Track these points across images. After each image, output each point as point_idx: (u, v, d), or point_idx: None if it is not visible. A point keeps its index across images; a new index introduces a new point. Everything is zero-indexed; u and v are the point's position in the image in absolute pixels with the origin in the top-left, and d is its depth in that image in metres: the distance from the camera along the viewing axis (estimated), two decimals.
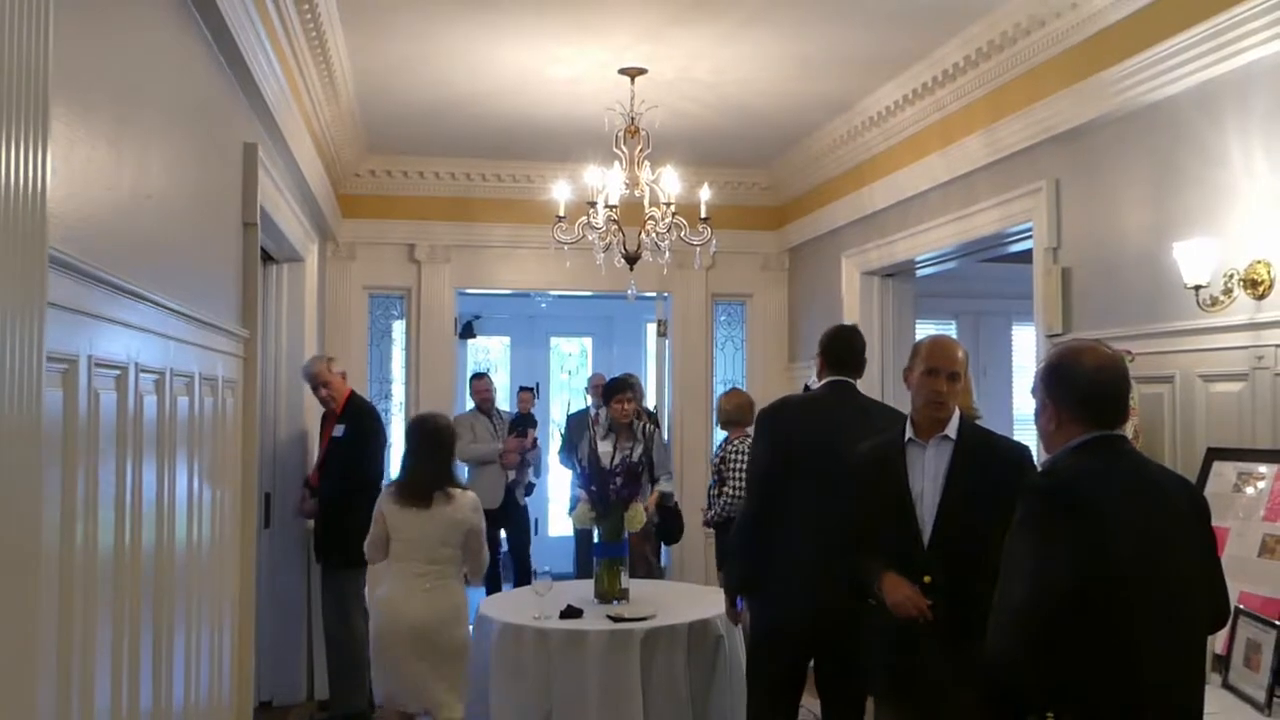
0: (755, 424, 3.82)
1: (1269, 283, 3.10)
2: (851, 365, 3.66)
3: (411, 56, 4.75)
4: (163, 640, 2.48)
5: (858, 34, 4.44)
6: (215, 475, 3.10)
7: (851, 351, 3.66)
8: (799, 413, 3.73)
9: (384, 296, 7.13)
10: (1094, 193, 3.99)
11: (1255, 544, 2.98)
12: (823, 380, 3.68)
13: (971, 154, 4.71)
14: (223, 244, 3.37)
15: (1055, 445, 2.21)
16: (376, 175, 6.85)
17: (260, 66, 3.41)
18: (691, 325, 7.41)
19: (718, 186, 6.02)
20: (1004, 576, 2.07)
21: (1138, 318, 3.67)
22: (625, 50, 4.65)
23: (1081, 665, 1.98)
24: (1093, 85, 3.81)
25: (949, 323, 8.35)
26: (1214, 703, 2.29)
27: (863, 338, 3.78)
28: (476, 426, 6.92)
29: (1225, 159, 3.31)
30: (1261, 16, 3.04)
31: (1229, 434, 3.26)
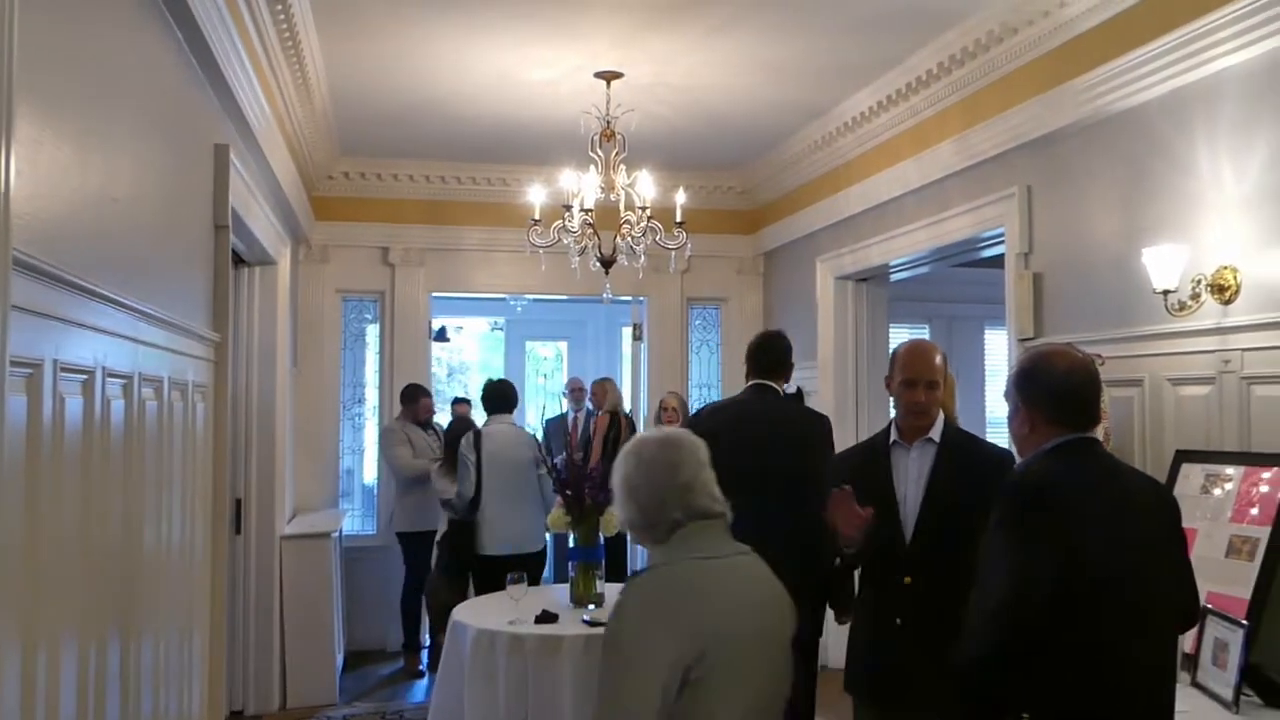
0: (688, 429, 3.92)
1: (1235, 288, 3.14)
2: (775, 369, 3.78)
3: (386, 58, 4.73)
4: (130, 649, 2.45)
5: (831, 40, 4.46)
6: (185, 480, 3.06)
7: (775, 356, 3.78)
8: (724, 416, 3.87)
9: (357, 300, 7.08)
10: (1065, 199, 4.03)
11: (1223, 544, 3.01)
12: (748, 384, 3.80)
13: (944, 160, 4.74)
14: (193, 246, 3.34)
15: (1029, 448, 2.23)
16: (350, 177, 6.81)
17: (232, 67, 3.38)
18: (667, 329, 7.42)
19: (693, 191, 6.03)
20: (980, 578, 2.08)
21: (1108, 322, 3.70)
22: (601, 54, 4.65)
23: (1056, 665, 2.00)
24: (1064, 93, 3.85)
25: (922, 327, 8.40)
26: (1183, 701, 2.31)
27: (786, 341, 3.92)
28: (414, 439, 6.32)
29: (1193, 166, 3.35)
30: (1229, 27, 3.08)
31: (1197, 437, 3.30)
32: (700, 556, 2.00)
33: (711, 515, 2.06)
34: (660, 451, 2.10)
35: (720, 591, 1.96)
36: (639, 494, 2.08)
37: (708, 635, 1.89)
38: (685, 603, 1.92)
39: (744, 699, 1.92)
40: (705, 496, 2.06)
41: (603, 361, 9.67)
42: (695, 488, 2.06)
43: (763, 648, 2.00)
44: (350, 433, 7.10)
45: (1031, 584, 1.98)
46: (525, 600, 3.93)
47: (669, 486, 2.04)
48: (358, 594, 6.68)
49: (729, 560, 2.03)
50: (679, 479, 2.04)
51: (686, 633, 1.87)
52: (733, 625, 1.94)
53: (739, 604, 1.97)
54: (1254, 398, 3.09)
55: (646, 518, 2.07)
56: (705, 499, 2.06)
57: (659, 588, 1.95)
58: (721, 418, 3.89)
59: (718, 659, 1.88)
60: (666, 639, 1.86)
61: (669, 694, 1.84)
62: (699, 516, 2.04)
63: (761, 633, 2.01)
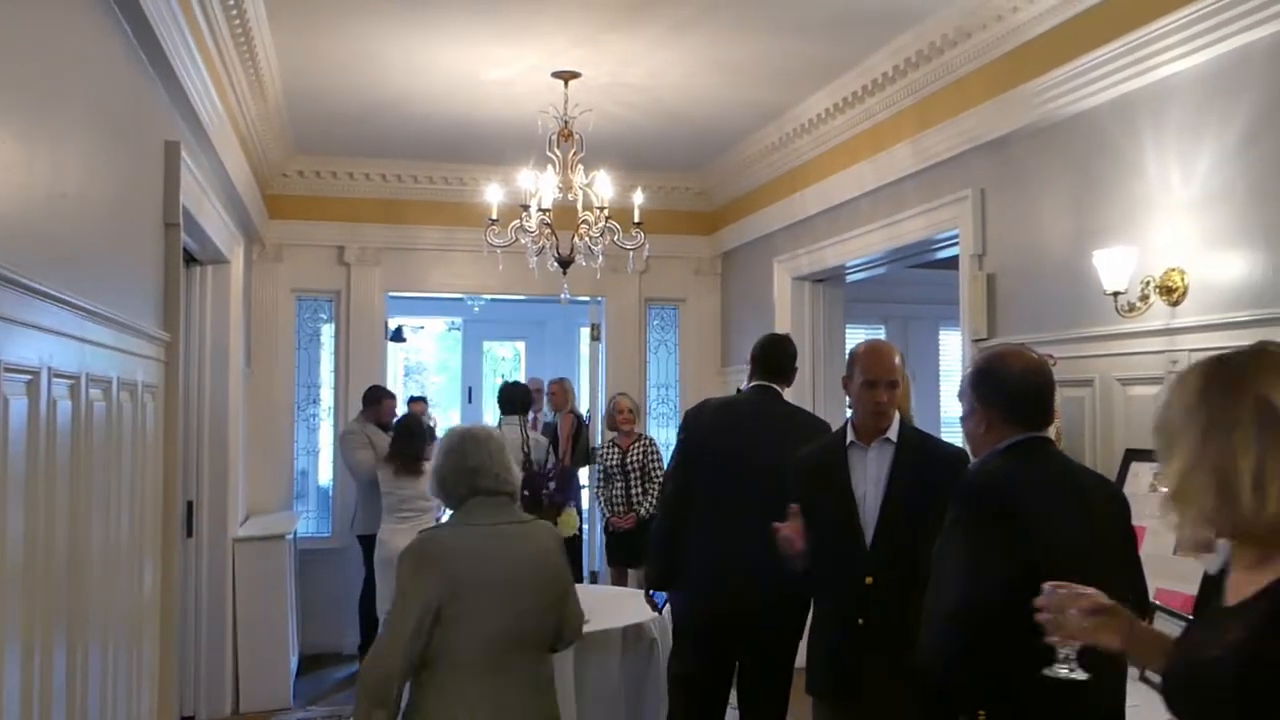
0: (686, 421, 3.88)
1: (1183, 289, 3.20)
2: (780, 373, 3.74)
3: (340, 56, 4.68)
4: (78, 654, 2.40)
5: (789, 42, 4.49)
6: (134, 482, 3.01)
7: (782, 359, 3.74)
8: (717, 415, 3.80)
9: (312, 299, 7.00)
10: (1018, 201, 4.09)
11: (1170, 541, 3.07)
12: (750, 384, 3.76)
13: (900, 162, 4.79)
14: (143, 245, 3.28)
15: (983, 447, 2.26)
16: (305, 176, 6.73)
17: (183, 62, 3.33)
18: (625, 329, 7.42)
19: (651, 191, 6.03)
20: (936, 577, 2.10)
21: (1059, 323, 3.76)
22: (559, 54, 4.64)
23: (1011, 663, 2.02)
24: (1016, 96, 3.91)
25: (878, 328, 8.48)
26: (1133, 696, 2.35)
27: (794, 347, 3.85)
28: (376, 441, 6.17)
29: (1142, 170, 3.41)
30: (1175, 34, 3.14)
31: (1146, 436, 3.35)
32: (469, 523, 2.62)
33: (493, 493, 2.65)
34: (458, 442, 2.69)
35: (474, 550, 2.56)
36: (441, 471, 2.69)
37: (456, 583, 2.48)
38: (441, 558, 2.52)
39: (485, 632, 2.51)
40: (489, 479, 2.64)
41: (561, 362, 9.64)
42: (480, 471, 2.64)
43: (509, 594, 2.56)
44: (305, 434, 7.01)
45: (986, 582, 2.00)
46: None
47: (460, 469, 2.64)
48: (313, 596, 6.60)
49: (495, 527, 2.62)
50: (466, 464, 2.64)
51: (439, 580, 2.48)
52: (480, 576, 2.52)
53: (489, 560, 2.56)
54: None
55: (444, 490, 2.69)
56: (489, 480, 2.64)
57: (426, 545, 2.55)
58: (724, 414, 3.79)
59: (464, 601, 2.49)
60: (425, 584, 2.48)
61: (424, 624, 2.45)
62: (481, 493, 2.64)
63: (508, 583, 2.57)
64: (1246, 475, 1.34)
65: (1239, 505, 1.35)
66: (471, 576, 2.51)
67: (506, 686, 2.57)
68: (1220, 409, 1.39)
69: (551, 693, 2.75)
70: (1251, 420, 1.36)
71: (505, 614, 2.53)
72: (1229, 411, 1.38)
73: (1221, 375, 1.43)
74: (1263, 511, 1.34)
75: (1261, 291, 2.95)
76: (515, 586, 2.58)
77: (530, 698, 2.63)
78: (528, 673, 2.63)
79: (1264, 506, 1.34)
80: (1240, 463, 1.35)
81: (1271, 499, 1.33)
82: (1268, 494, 1.34)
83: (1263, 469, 1.34)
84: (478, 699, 2.52)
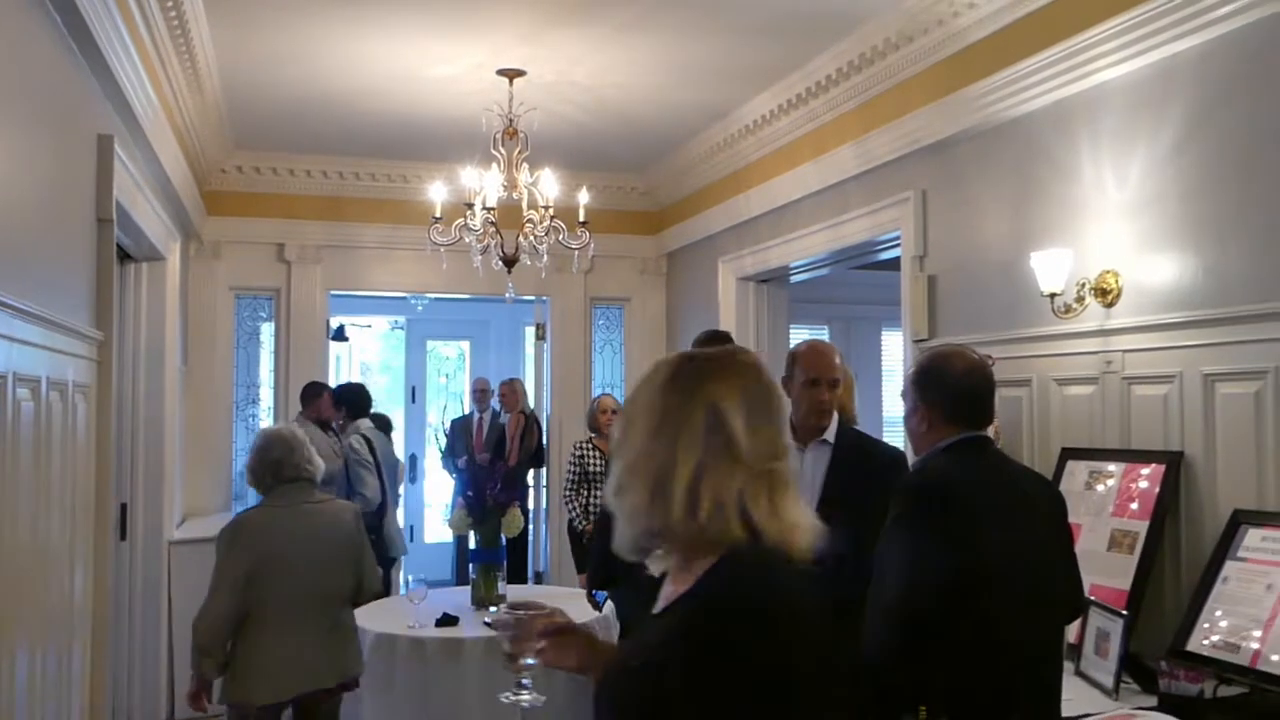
0: None
1: (1117, 291, 3.28)
2: None
3: (280, 50, 4.60)
4: (2, 662, 2.32)
5: (734, 43, 4.51)
6: (65, 484, 2.92)
7: None
8: None
9: (251, 297, 6.87)
10: (958, 203, 4.15)
11: (1105, 538, 3.14)
12: None
13: (843, 164, 4.84)
14: (74, 241, 3.19)
15: (925, 446, 2.29)
16: (244, 171, 6.60)
17: (116, 54, 3.24)
18: (570, 328, 7.40)
19: (596, 191, 6.03)
20: (878, 575, 2.12)
21: (998, 324, 3.83)
22: (503, 51, 4.60)
23: (952, 659, 2.05)
24: (956, 100, 3.97)
25: (822, 328, 8.56)
26: (1068, 690, 2.40)
27: (730, 340, 3.85)
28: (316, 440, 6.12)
29: (1077, 174, 3.49)
30: (1109, 41, 3.21)
31: (1081, 435, 3.43)
32: (274, 505, 3.31)
33: (294, 480, 3.31)
34: (262, 439, 3.40)
35: (279, 526, 3.23)
36: (250, 465, 3.36)
37: (264, 553, 3.18)
38: (251, 534, 3.21)
39: (291, 590, 3.15)
40: (290, 469, 3.30)
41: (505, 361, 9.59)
42: (283, 462, 3.30)
43: (309, 559, 3.22)
44: (244, 434, 6.87)
45: (927, 579, 2.03)
46: (425, 603, 3.88)
47: (264, 461, 3.31)
48: None
49: (296, 507, 3.27)
50: (269, 457, 3.32)
51: (249, 552, 3.17)
52: (284, 546, 3.19)
53: (292, 533, 3.21)
54: (1134, 397, 3.23)
55: (255, 480, 3.35)
56: (290, 470, 3.30)
57: (238, 524, 3.30)
58: None
59: (271, 566, 3.17)
60: (237, 556, 3.18)
61: (238, 587, 3.15)
62: (284, 481, 3.30)
63: (308, 550, 3.21)
64: (683, 480, 1.29)
65: (670, 508, 1.30)
66: (277, 548, 3.18)
67: (311, 633, 3.24)
68: (675, 407, 1.33)
69: (353, 641, 3.44)
70: (701, 424, 1.31)
71: (307, 575, 3.17)
72: (682, 411, 1.33)
73: (684, 373, 1.37)
74: (692, 520, 1.29)
75: (1191, 294, 3.03)
76: (314, 553, 3.22)
77: (330, 641, 3.31)
78: (329, 621, 3.32)
79: (694, 514, 1.29)
80: (680, 467, 1.30)
81: (703, 508, 1.29)
82: (700, 502, 1.29)
83: (699, 476, 1.30)
84: (286, 643, 3.20)
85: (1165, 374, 3.11)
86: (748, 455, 1.31)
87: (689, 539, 1.32)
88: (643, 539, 1.36)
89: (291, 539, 3.20)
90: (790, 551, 1.32)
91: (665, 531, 1.33)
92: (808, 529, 1.35)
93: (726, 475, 1.30)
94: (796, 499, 1.37)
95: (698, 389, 1.34)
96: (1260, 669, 2.49)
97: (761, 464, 1.32)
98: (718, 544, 1.31)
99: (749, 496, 1.31)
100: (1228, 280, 2.92)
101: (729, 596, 1.28)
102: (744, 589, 1.28)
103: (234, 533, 3.24)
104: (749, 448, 1.31)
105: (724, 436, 1.31)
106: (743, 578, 1.29)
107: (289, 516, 3.23)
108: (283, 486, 3.30)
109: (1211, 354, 2.95)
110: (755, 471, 1.31)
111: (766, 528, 1.30)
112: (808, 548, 1.33)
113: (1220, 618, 2.67)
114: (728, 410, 1.32)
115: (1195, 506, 3.00)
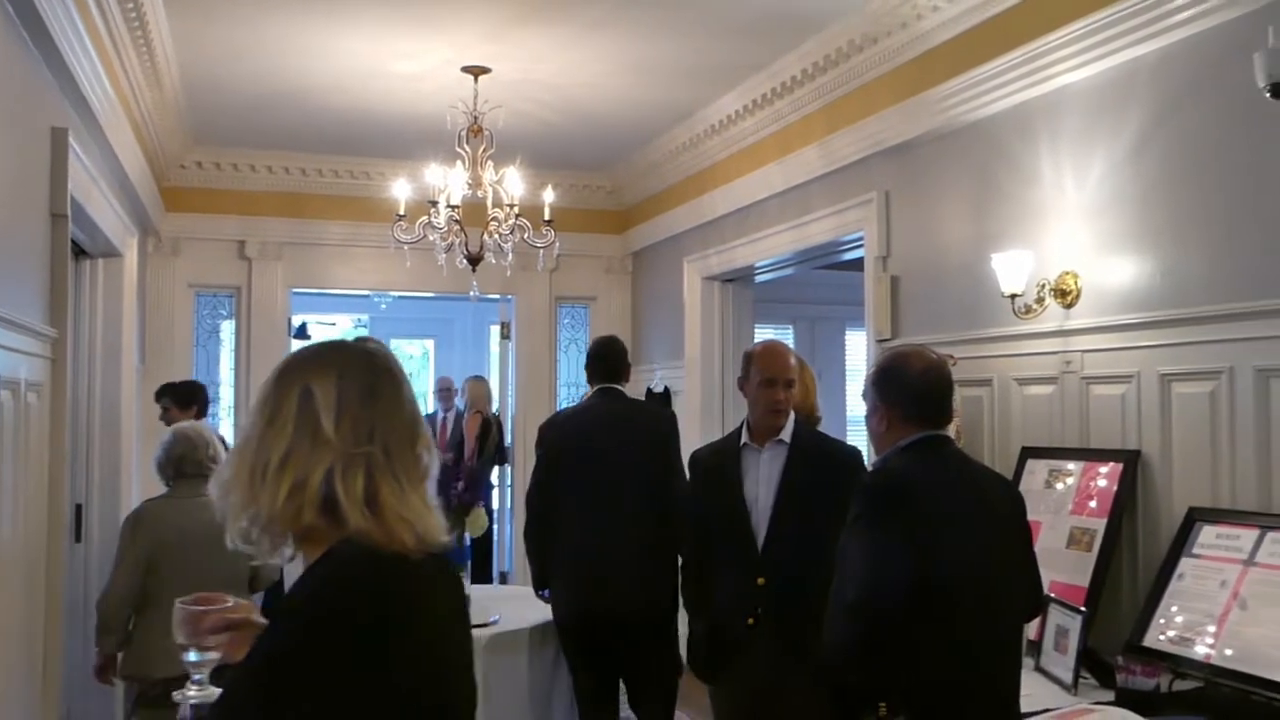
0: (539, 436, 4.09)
1: (1076, 292, 3.32)
2: (616, 372, 3.94)
3: (240, 43, 4.53)
4: None
5: (700, 43, 4.51)
6: (16, 485, 2.86)
7: (613, 360, 3.92)
8: (569, 424, 4.01)
9: (211, 295, 6.77)
10: (921, 205, 4.18)
11: (1064, 535, 3.18)
12: (593, 389, 3.96)
13: (808, 164, 4.86)
14: (27, 236, 3.12)
15: (885, 445, 2.30)
16: (204, 167, 6.51)
17: (70, 45, 3.18)
18: (535, 328, 7.37)
19: (562, 189, 6.00)
20: (838, 574, 2.13)
21: (959, 324, 3.86)
22: (469, 48, 4.57)
23: (911, 656, 2.06)
24: (919, 103, 4.00)
25: (786, 328, 8.60)
26: (1027, 685, 2.43)
27: (621, 345, 4.06)
28: None
29: (1038, 176, 3.52)
30: (1069, 46, 3.25)
31: (1040, 434, 3.47)
32: (175, 497, 3.47)
33: (195, 475, 3.36)
34: (169, 435, 3.57)
35: (179, 516, 3.35)
36: (156, 459, 3.53)
37: (163, 541, 3.34)
38: (152, 523, 3.39)
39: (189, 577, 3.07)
40: (191, 465, 3.44)
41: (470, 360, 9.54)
42: (185, 458, 3.45)
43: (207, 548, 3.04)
44: None
45: (888, 577, 2.04)
46: None
47: (169, 456, 3.48)
48: None
49: (196, 499, 3.19)
50: (174, 453, 3.47)
51: (150, 539, 3.35)
52: (183, 535, 3.30)
53: (191, 523, 3.25)
54: (1092, 397, 3.28)
55: (160, 473, 3.52)
56: (191, 466, 3.43)
57: (141, 513, 3.47)
58: (572, 425, 4.00)
59: (169, 558, 3.32)
60: (136, 540, 3.36)
61: (139, 571, 3.33)
62: (186, 475, 3.44)
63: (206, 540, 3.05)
64: (274, 464, 1.26)
65: (264, 494, 1.27)
66: (174, 535, 3.33)
67: None
68: (274, 395, 1.31)
69: None
70: (294, 407, 1.28)
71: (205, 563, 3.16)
72: (279, 397, 1.30)
73: (289, 361, 1.36)
74: (275, 504, 1.26)
75: (1149, 295, 3.08)
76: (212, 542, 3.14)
77: None
78: None
79: (275, 499, 1.26)
80: (273, 452, 1.27)
81: (282, 490, 1.25)
82: (280, 485, 1.25)
83: (287, 459, 1.26)
84: None
85: (1123, 374, 3.15)
86: (336, 437, 1.26)
87: (287, 527, 1.28)
88: (250, 530, 1.30)
89: (189, 527, 3.31)
90: (398, 544, 1.24)
91: (267, 521, 1.28)
92: (419, 520, 1.28)
93: (309, 457, 1.26)
94: (411, 490, 1.29)
95: (296, 374, 1.32)
96: (1214, 664, 2.53)
97: (354, 447, 1.26)
98: (322, 535, 1.26)
99: (338, 481, 1.25)
100: (1184, 282, 2.97)
101: (314, 596, 1.23)
102: (331, 588, 1.22)
103: (135, 520, 3.44)
104: (338, 429, 1.26)
105: (311, 417, 1.27)
106: (331, 576, 1.23)
107: (188, 507, 3.35)
108: (185, 480, 3.44)
109: (1168, 354, 3.00)
110: (347, 455, 1.26)
111: (352, 515, 1.24)
112: (421, 540, 1.26)
113: (1176, 613, 2.71)
114: (318, 392, 1.28)
115: (1152, 504, 3.04)
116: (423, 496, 1.32)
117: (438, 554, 1.30)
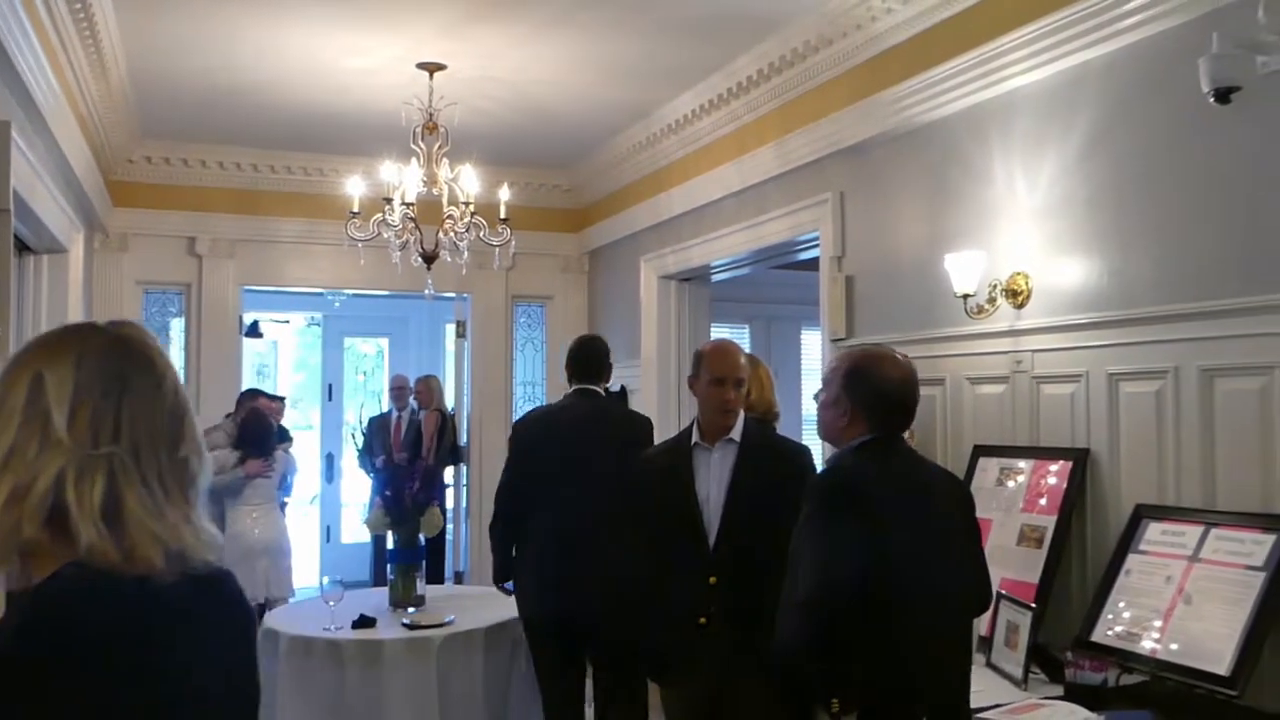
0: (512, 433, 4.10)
1: (1027, 293, 3.37)
2: (595, 373, 3.93)
3: (189, 36, 4.45)
4: None
5: (656, 42, 4.51)
6: None
7: (593, 360, 3.90)
8: (542, 422, 4.00)
9: (160, 292, 6.65)
10: (875, 205, 4.22)
11: (1015, 533, 3.23)
12: (571, 389, 3.95)
13: (763, 164, 4.88)
14: None
15: (838, 439, 2.32)
16: (153, 162, 6.39)
17: (13, 36, 3.10)
18: (491, 326, 7.33)
19: (518, 188, 5.98)
20: (790, 572, 2.14)
21: (913, 324, 3.90)
22: (424, 44, 4.54)
23: (862, 652, 2.08)
24: (874, 103, 4.03)
25: (742, 327, 8.63)
26: (978, 681, 2.46)
27: (604, 345, 4.03)
28: None
29: (990, 177, 3.57)
30: (1023, 48, 3.30)
31: (992, 432, 3.52)
32: None
33: None
34: None
35: None
36: None
37: None
38: None
39: None
40: None
41: (426, 359, 9.46)
42: None
43: None
44: None
45: (839, 576, 2.06)
46: (342, 605, 3.80)
47: None
48: None
49: None
50: None
51: None
52: None
53: None
54: (1042, 396, 3.33)
55: None
56: None
57: None
58: (545, 424, 3.98)
59: None
60: None
61: None
62: None
63: None
64: None
65: None
66: None
67: None
68: (3, 386, 1.11)
69: None
70: (22, 398, 1.08)
71: None
72: (8, 387, 1.10)
73: (23, 347, 1.16)
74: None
75: (1097, 296, 3.13)
76: None
77: None
78: None
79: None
80: None
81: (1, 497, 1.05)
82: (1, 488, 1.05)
83: (7, 461, 1.06)
84: None
85: (1072, 373, 3.20)
86: (69, 435, 1.07)
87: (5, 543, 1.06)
88: None
89: None
90: (142, 565, 1.06)
91: None
92: (175, 536, 1.09)
93: (35, 457, 1.06)
94: (169, 500, 1.11)
95: (29, 361, 1.12)
96: (1160, 658, 2.58)
97: (92, 447, 1.07)
98: (48, 554, 1.05)
99: (70, 487, 1.05)
100: (1131, 283, 3.02)
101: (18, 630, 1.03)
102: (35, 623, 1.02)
103: None
104: (72, 426, 1.07)
105: (40, 410, 1.07)
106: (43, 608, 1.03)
107: None
108: None
109: (1116, 354, 3.05)
110: (83, 457, 1.06)
111: (85, 529, 1.04)
112: (178, 559, 1.08)
113: (1123, 609, 2.76)
114: (49, 380, 1.09)
115: (1100, 502, 3.10)
116: (185, 508, 1.12)
117: (204, 575, 1.12)
